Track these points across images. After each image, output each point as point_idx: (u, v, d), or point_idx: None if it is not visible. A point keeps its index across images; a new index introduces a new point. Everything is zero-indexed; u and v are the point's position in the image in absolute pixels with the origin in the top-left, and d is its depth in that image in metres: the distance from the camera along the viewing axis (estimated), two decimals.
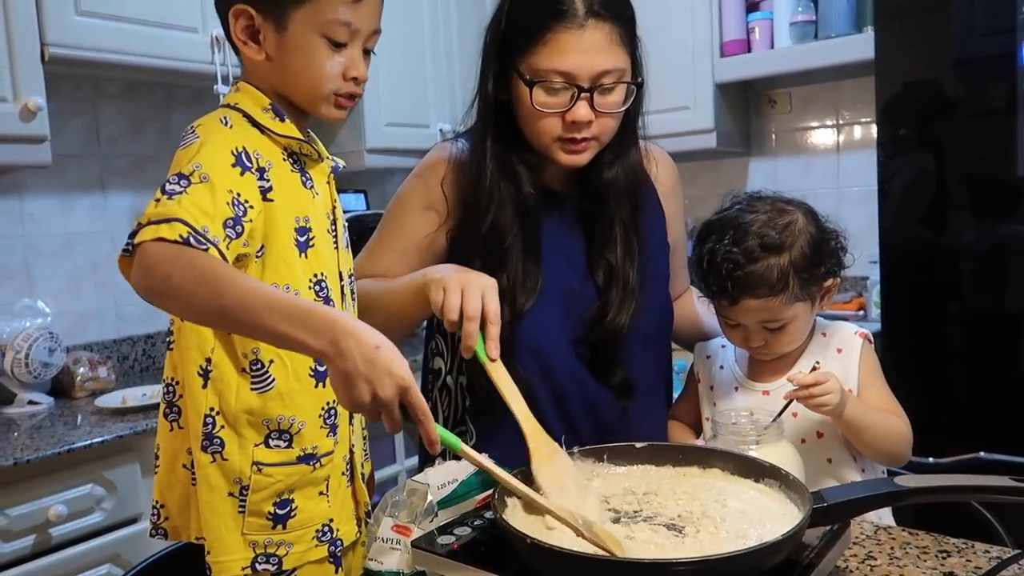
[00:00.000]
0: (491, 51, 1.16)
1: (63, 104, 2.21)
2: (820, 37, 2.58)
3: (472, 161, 1.19)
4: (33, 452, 1.62)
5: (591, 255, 1.21)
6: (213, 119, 0.99)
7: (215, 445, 0.99)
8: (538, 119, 1.11)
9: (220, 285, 0.83)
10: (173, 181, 0.89)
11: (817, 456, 1.15)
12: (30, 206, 2.21)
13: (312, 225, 1.04)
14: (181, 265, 0.84)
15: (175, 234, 0.84)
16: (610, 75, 1.09)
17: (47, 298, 2.17)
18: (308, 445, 1.03)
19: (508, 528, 0.79)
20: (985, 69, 1.91)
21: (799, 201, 1.17)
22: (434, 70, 2.91)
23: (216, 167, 0.92)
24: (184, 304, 0.86)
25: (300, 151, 1.05)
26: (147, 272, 0.85)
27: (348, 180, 2.91)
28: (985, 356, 1.92)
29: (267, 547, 1.01)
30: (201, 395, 0.99)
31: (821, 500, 0.80)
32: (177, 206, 0.87)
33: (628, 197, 1.20)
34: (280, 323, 0.82)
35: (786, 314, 1.12)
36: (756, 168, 3.01)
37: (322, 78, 1.00)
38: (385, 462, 2.54)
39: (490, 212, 1.15)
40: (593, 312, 1.19)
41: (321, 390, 1.03)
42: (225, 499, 1.00)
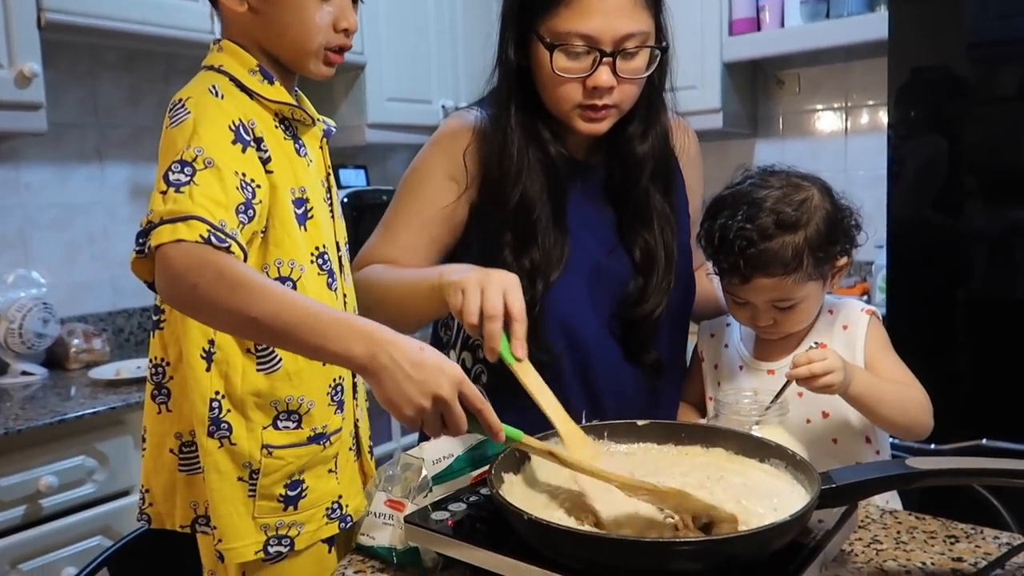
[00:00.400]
0: (510, 15, 1.11)
1: (61, 74, 2.17)
2: (832, 16, 2.53)
3: (497, 130, 1.13)
4: (25, 422, 1.61)
5: (624, 231, 1.17)
6: (201, 90, 0.93)
7: (222, 430, 0.96)
8: (558, 85, 1.07)
9: (249, 297, 0.81)
10: (176, 170, 0.85)
11: (823, 436, 1.12)
12: (27, 176, 2.18)
13: (309, 195, 1.00)
14: (208, 275, 0.81)
15: (195, 234, 0.81)
16: (633, 39, 1.05)
17: (42, 269, 2.15)
18: (318, 424, 1.00)
19: (505, 504, 0.76)
20: (999, 52, 1.87)
21: (814, 176, 1.13)
22: (438, 46, 2.87)
23: (218, 148, 0.88)
24: (212, 315, 0.84)
25: (292, 116, 1.00)
26: (173, 282, 0.83)
27: (348, 155, 2.87)
28: (990, 343, 1.90)
29: (279, 529, 0.99)
30: (205, 379, 0.96)
31: (830, 481, 0.78)
32: (190, 201, 0.83)
33: (662, 171, 1.17)
34: (314, 337, 0.80)
35: (798, 293, 1.09)
36: (762, 150, 2.97)
37: (311, 30, 0.95)
38: (381, 439, 2.52)
39: (519, 183, 1.10)
40: (632, 293, 1.15)
41: (327, 367, 1.00)
42: (235, 484, 0.97)
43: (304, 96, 1.07)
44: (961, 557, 0.87)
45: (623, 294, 1.15)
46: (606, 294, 1.16)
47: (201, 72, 0.98)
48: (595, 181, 1.18)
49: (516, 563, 0.75)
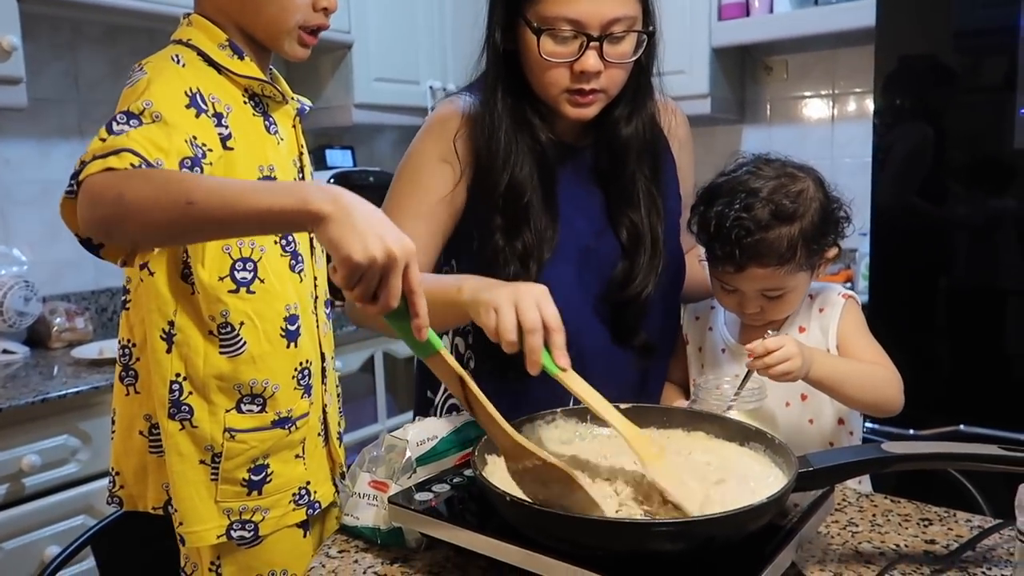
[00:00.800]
0: (498, 0, 1.11)
1: (41, 47, 2.14)
2: (820, 3, 2.53)
3: (484, 115, 1.13)
4: (7, 401, 1.59)
5: (612, 213, 1.17)
6: (163, 56, 0.91)
7: (183, 412, 0.94)
8: (546, 69, 1.07)
9: (183, 186, 0.75)
10: (121, 120, 0.81)
11: (800, 418, 1.14)
12: (6, 151, 2.15)
13: (277, 174, 0.98)
14: (134, 181, 0.75)
15: (124, 163, 0.76)
16: (620, 23, 1.05)
17: (24, 246, 2.12)
18: (283, 408, 0.98)
19: (488, 486, 0.77)
20: (985, 41, 1.88)
21: (808, 167, 1.14)
22: (426, 25, 2.85)
23: (169, 107, 0.84)
24: (144, 219, 0.76)
25: (262, 92, 0.98)
26: (94, 201, 0.76)
27: (335, 136, 2.85)
28: (971, 331, 1.93)
29: (242, 514, 0.97)
30: (166, 360, 0.94)
31: (807, 464, 0.79)
32: (126, 138, 0.79)
33: (648, 154, 1.17)
34: (263, 198, 0.73)
35: (789, 283, 1.10)
36: (750, 136, 2.97)
37: (288, 7, 0.93)
38: (366, 422, 2.53)
39: (508, 168, 1.11)
40: (619, 275, 1.15)
41: (293, 350, 0.99)
42: (196, 467, 0.96)
43: (279, 74, 1.06)
44: (934, 540, 0.88)
45: (611, 276, 1.16)
46: (595, 276, 1.16)
47: (168, 45, 0.96)
48: (584, 164, 1.19)
49: (498, 543, 0.76)
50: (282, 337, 0.98)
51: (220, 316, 0.94)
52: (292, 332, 0.99)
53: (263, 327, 0.96)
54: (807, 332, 1.15)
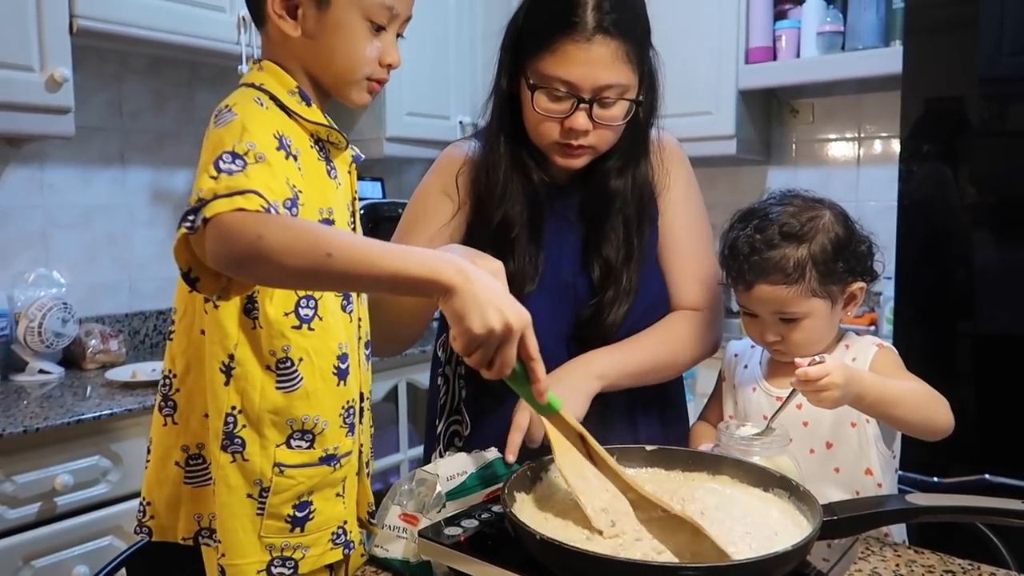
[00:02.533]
0: (507, 47, 1.19)
1: (88, 77, 2.22)
2: (847, 48, 2.56)
3: (486, 154, 1.22)
4: (42, 420, 1.64)
5: (588, 251, 1.23)
6: (247, 99, 0.94)
7: (236, 445, 0.96)
8: (538, 122, 1.14)
9: (320, 238, 0.79)
10: (227, 160, 0.84)
11: (826, 466, 1.14)
12: (50, 176, 2.23)
13: (335, 217, 1.01)
14: (272, 227, 0.78)
15: (255, 205, 0.79)
16: (612, 90, 1.11)
17: (63, 269, 2.19)
18: (330, 445, 0.99)
19: (517, 522, 0.79)
20: (1011, 88, 1.89)
21: (832, 202, 1.17)
22: (457, 62, 2.91)
23: (267, 148, 0.88)
24: (281, 265, 0.79)
25: (328, 139, 1.02)
26: (231, 238, 0.78)
27: (366, 168, 2.91)
28: (997, 378, 1.91)
29: (284, 550, 0.98)
30: (223, 393, 0.95)
31: (831, 513, 0.80)
32: (246, 179, 0.82)
33: (633, 203, 1.22)
34: (396, 261, 0.78)
35: (801, 307, 1.12)
36: (775, 177, 3.00)
37: (360, 61, 0.97)
38: (389, 451, 2.55)
39: (503, 205, 1.19)
40: (588, 311, 1.21)
41: (342, 388, 1.00)
42: (244, 500, 0.96)
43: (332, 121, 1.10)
44: None
45: (582, 312, 1.21)
46: (570, 310, 1.22)
47: (241, 88, 1.00)
48: (572, 205, 1.25)
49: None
50: (334, 375, 1.00)
51: (281, 351, 0.96)
52: (343, 370, 1.01)
53: (319, 364, 0.98)
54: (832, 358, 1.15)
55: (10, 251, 2.14)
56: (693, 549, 0.80)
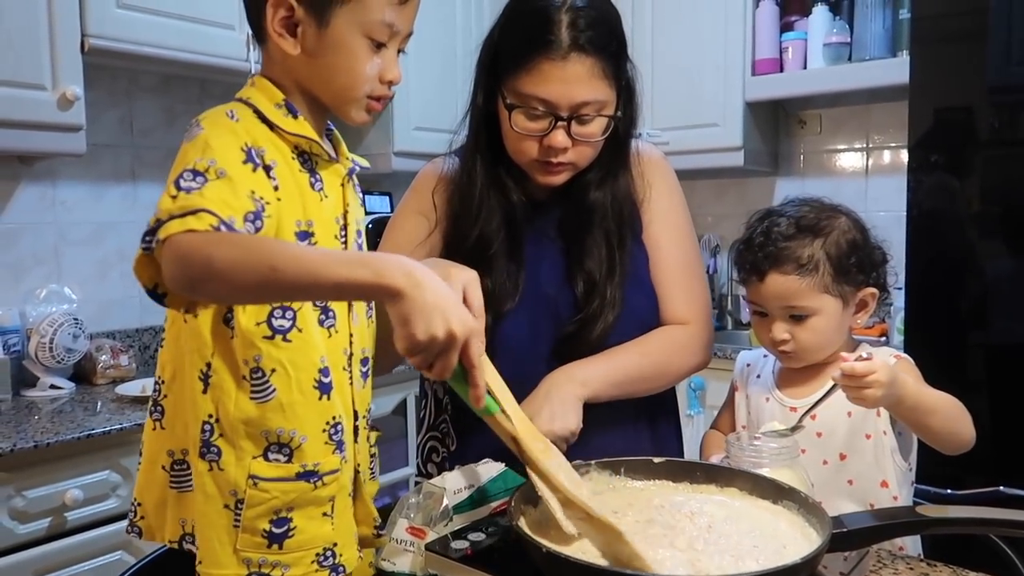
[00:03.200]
0: (484, 65, 1.20)
1: (99, 95, 2.25)
2: (854, 59, 2.56)
3: (462, 172, 1.22)
4: (53, 436, 1.64)
5: (571, 266, 1.22)
6: (219, 112, 0.95)
7: (212, 453, 0.96)
8: (517, 140, 1.15)
9: (266, 251, 0.80)
10: (188, 178, 0.85)
11: (838, 478, 1.14)
12: (62, 193, 2.25)
13: (315, 230, 1.00)
14: (222, 246, 0.80)
15: (205, 224, 0.81)
16: (589, 106, 1.11)
17: (74, 285, 2.21)
18: (309, 461, 0.98)
19: (524, 536, 0.78)
20: (1019, 98, 1.89)
21: (849, 209, 1.19)
22: (464, 77, 2.91)
23: (230, 163, 0.89)
24: (230, 282, 0.81)
25: (311, 150, 1.01)
26: (184, 261, 0.81)
27: (374, 182, 2.93)
28: (1009, 388, 1.90)
29: (261, 567, 0.96)
30: (201, 401, 0.96)
31: (841, 525, 0.79)
32: (200, 198, 0.83)
33: (614, 216, 1.22)
34: (341, 269, 0.79)
35: (812, 302, 1.12)
36: (783, 188, 2.99)
37: (360, 79, 0.97)
38: (397, 464, 2.54)
39: (479, 222, 1.19)
40: (572, 326, 1.20)
41: (325, 403, 0.99)
42: (220, 511, 0.96)
43: (339, 135, 1.10)
44: None
45: (565, 328, 1.20)
46: (551, 326, 1.21)
47: (230, 102, 1.00)
48: (552, 220, 1.25)
49: None
50: (315, 388, 0.98)
51: (253, 361, 0.95)
52: (326, 385, 0.99)
53: (296, 376, 0.97)
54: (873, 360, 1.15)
55: (22, 267, 2.16)
56: (612, 550, 0.80)
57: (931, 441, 1.11)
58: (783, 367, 1.23)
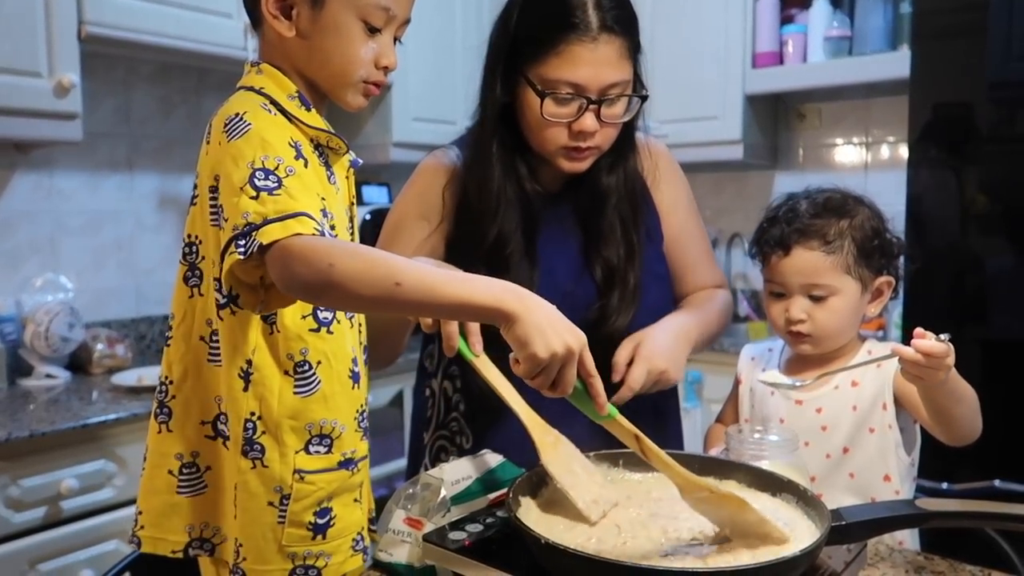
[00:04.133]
0: (499, 56, 1.16)
1: (96, 83, 2.23)
2: (854, 53, 2.56)
3: (478, 166, 1.18)
4: (49, 425, 1.64)
5: (588, 254, 1.21)
6: (254, 106, 0.94)
7: (255, 451, 0.95)
8: (545, 127, 1.13)
9: (388, 267, 0.81)
10: (261, 177, 0.85)
11: (840, 471, 1.14)
12: (59, 182, 2.24)
13: (335, 223, 1.00)
14: (341, 254, 0.81)
15: (309, 228, 0.82)
16: (617, 87, 1.11)
17: (70, 274, 2.20)
18: (347, 449, 0.99)
19: (522, 527, 0.78)
20: (1019, 93, 1.89)
21: (872, 201, 1.20)
22: (464, 67, 2.91)
23: (291, 159, 0.89)
24: (353, 292, 0.82)
25: (328, 144, 1.01)
26: (304, 266, 0.81)
27: (372, 173, 2.92)
28: (1006, 384, 1.90)
29: (306, 559, 0.97)
30: (242, 399, 0.95)
31: (840, 518, 0.79)
32: (292, 200, 0.84)
33: (626, 201, 1.22)
34: (462, 290, 0.80)
35: (833, 280, 1.12)
36: (782, 182, 2.98)
37: (355, 63, 0.97)
38: (393, 456, 2.54)
39: (497, 218, 1.16)
40: (593, 314, 1.18)
41: (356, 391, 1.00)
42: (264, 509, 0.96)
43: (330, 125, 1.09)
44: None
45: (587, 316, 1.18)
46: (571, 319, 1.18)
47: (241, 92, 0.99)
48: (565, 210, 1.23)
49: None
50: (349, 378, 1.00)
51: (299, 354, 0.96)
52: (356, 374, 1.01)
53: (336, 367, 0.98)
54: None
55: (18, 256, 2.15)
56: (736, 520, 0.82)
57: (948, 429, 1.09)
58: (789, 360, 1.23)
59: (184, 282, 0.99)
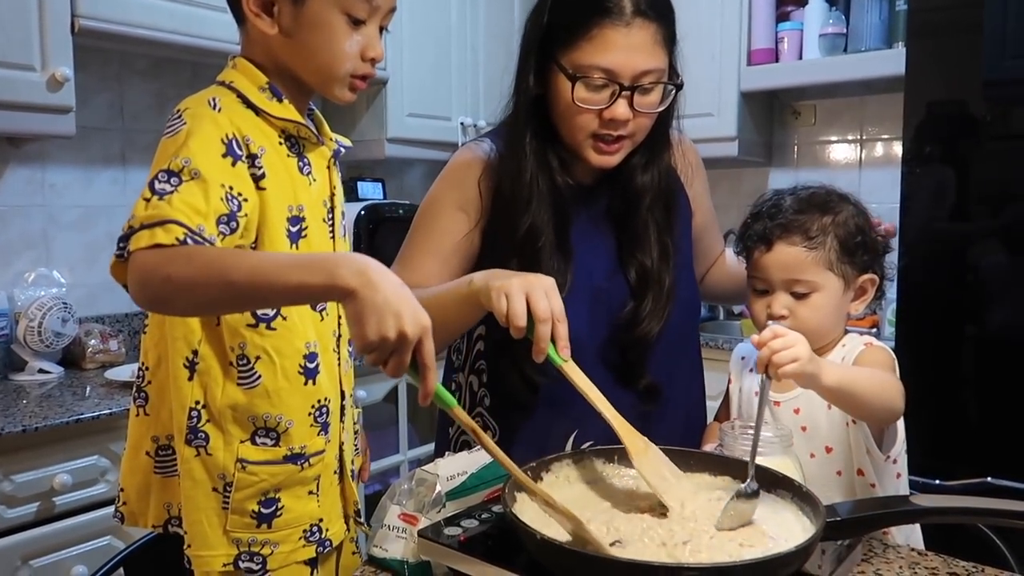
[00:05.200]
0: (532, 44, 1.15)
1: (90, 77, 2.22)
2: (850, 51, 2.56)
3: (512, 158, 1.16)
4: (41, 420, 1.63)
5: (622, 255, 1.20)
6: (201, 101, 0.94)
7: (199, 439, 0.97)
8: (576, 114, 1.11)
9: (222, 266, 0.81)
10: (162, 179, 0.86)
11: (827, 470, 1.14)
12: (52, 177, 2.22)
13: (306, 214, 1.00)
14: (177, 263, 0.81)
15: (171, 238, 0.82)
16: (651, 75, 1.09)
17: (63, 269, 2.19)
18: (296, 444, 1.00)
19: (517, 523, 0.78)
20: (1014, 91, 1.89)
21: (858, 199, 1.20)
22: (459, 63, 2.91)
23: (206, 160, 0.88)
24: (190, 299, 0.83)
25: (298, 134, 1.00)
26: (144, 282, 0.82)
27: (367, 168, 2.91)
28: (999, 381, 1.91)
29: (251, 546, 0.98)
30: (187, 387, 0.96)
31: (834, 514, 0.79)
32: (169, 207, 0.83)
33: (661, 201, 1.20)
34: (294, 274, 0.79)
35: (815, 277, 1.12)
36: (776, 179, 2.99)
37: (340, 57, 0.96)
38: (388, 452, 2.54)
39: (530, 209, 1.14)
40: (626, 316, 1.18)
41: (311, 388, 1.00)
42: (208, 494, 0.97)
43: (321, 116, 1.09)
44: None
45: (619, 317, 1.18)
46: (605, 317, 1.19)
47: (211, 86, 0.99)
48: (599, 207, 1.22)
49: None
50: (300, 374, 1.00)
51: (239, 348, 0.97)
52: (311, 370, 1.00)
53: (281, 363, 0.98)
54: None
55: (11, 251, 2.14)
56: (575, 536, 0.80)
57: (868, 418, 1.08)
58: None
59: None
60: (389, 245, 2.43)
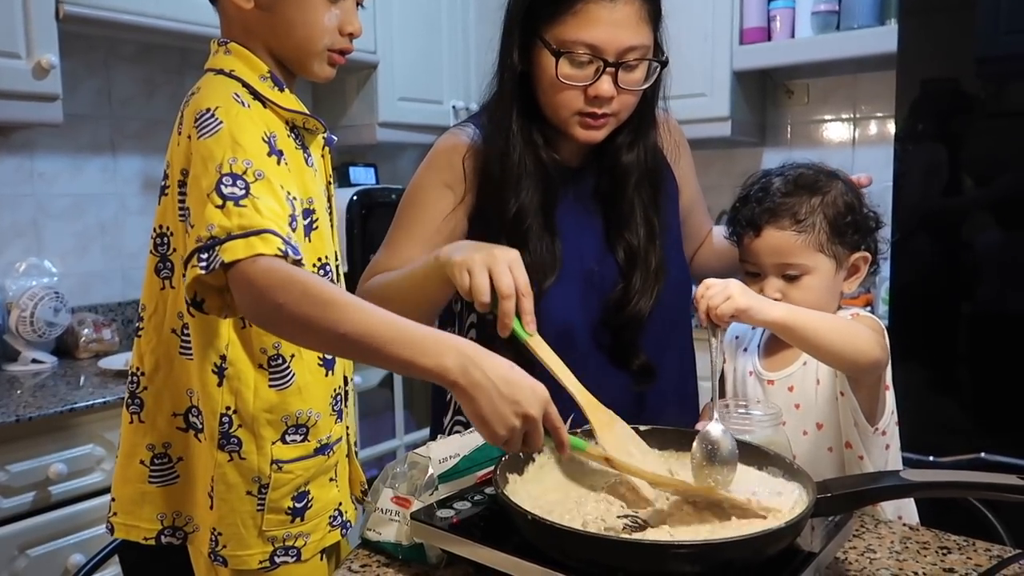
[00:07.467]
0: (516, 19, 1.13)
1: (76, 65, 2.20)
2: (842, 28, 2.54)
3: (498, 135, 1.15)
4: (35, 410, 1.63)
5: (610, 235, 1.20)
6: (225, 96, 0.91)
7: (232, 444, 0.96)
8: (560, 91, 1.09)
9: (337, 314, 0.79)
10: (228, 183, 0.83)
11: (819, 447, 1.14)
12: (40, 165, 2.21)
13: (315, 206, 1.00)
14: (293, 294, 0.79)
15: (272, 248, 0.80)
16: (635, 51, 1.08)
17: (54, 258, 2.18)
18: (323, 435, 1.00)
19: (509, 504, 0.78)
20: (1007, 67, 1.88)
21: (847, 175, 1.19)
22: (450, 47, 2.89)
23: (262, 160, 0.87)
24: (298, 334, 0.82)
25: (304, 125, 0.99)
26: (257, 300, 0.81)
27: (359, 154, 2.89)
28: (992, 357, 1.91)
29: (286, 540, 0.99)
30: (217, 394, 0.95)
31: (825, 490, 0.80)
32: (258, 214, 0.82)
33: (648, 178, 1.20)
34: (405, 351, 0.78)
35: (806, 259, 1.11)
36: (770, 159, 2.98)
37: (318, 31, 0.95)
38: (385, 437, 2.55)
39: (516, 191, 1.13)
40: (616, 296, 1.17)
41: (330, 378, 1.00)
42: (243, 498, 0.97)
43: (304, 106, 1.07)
44: (953, 568, 0.88)
45: (609, 298, 1.18)
46: (596, 298, 1.18)
47: (210, 75, 0.96)
48: (585, 187, 1.22)
49: (518, 561, 0.77)
50: (320, 366, 1.00)
51: (272, 348, 0.96)
52: (329, 361, 1.01)
53: (307, 357, 0.98)
54: None
55: (1, 241, 2.13)
56: None
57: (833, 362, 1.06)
58: (768, 340, 1.23)
59: (155, 273, 0.99)
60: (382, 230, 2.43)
